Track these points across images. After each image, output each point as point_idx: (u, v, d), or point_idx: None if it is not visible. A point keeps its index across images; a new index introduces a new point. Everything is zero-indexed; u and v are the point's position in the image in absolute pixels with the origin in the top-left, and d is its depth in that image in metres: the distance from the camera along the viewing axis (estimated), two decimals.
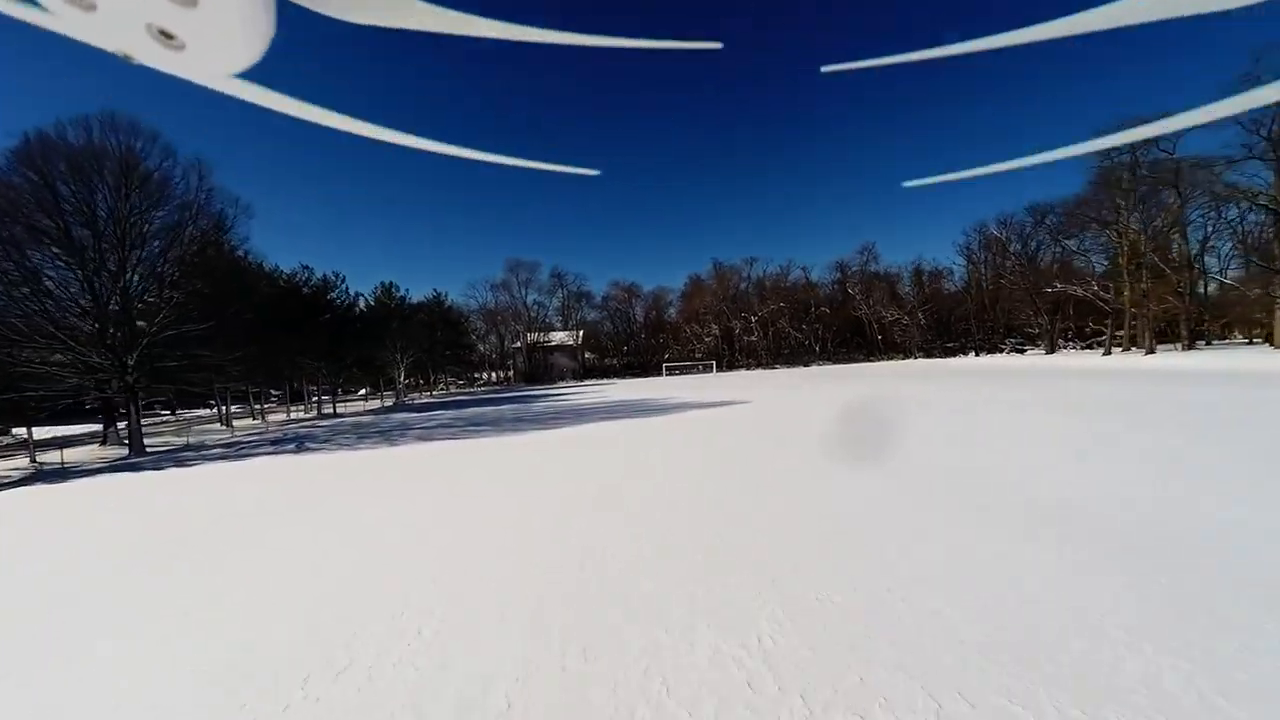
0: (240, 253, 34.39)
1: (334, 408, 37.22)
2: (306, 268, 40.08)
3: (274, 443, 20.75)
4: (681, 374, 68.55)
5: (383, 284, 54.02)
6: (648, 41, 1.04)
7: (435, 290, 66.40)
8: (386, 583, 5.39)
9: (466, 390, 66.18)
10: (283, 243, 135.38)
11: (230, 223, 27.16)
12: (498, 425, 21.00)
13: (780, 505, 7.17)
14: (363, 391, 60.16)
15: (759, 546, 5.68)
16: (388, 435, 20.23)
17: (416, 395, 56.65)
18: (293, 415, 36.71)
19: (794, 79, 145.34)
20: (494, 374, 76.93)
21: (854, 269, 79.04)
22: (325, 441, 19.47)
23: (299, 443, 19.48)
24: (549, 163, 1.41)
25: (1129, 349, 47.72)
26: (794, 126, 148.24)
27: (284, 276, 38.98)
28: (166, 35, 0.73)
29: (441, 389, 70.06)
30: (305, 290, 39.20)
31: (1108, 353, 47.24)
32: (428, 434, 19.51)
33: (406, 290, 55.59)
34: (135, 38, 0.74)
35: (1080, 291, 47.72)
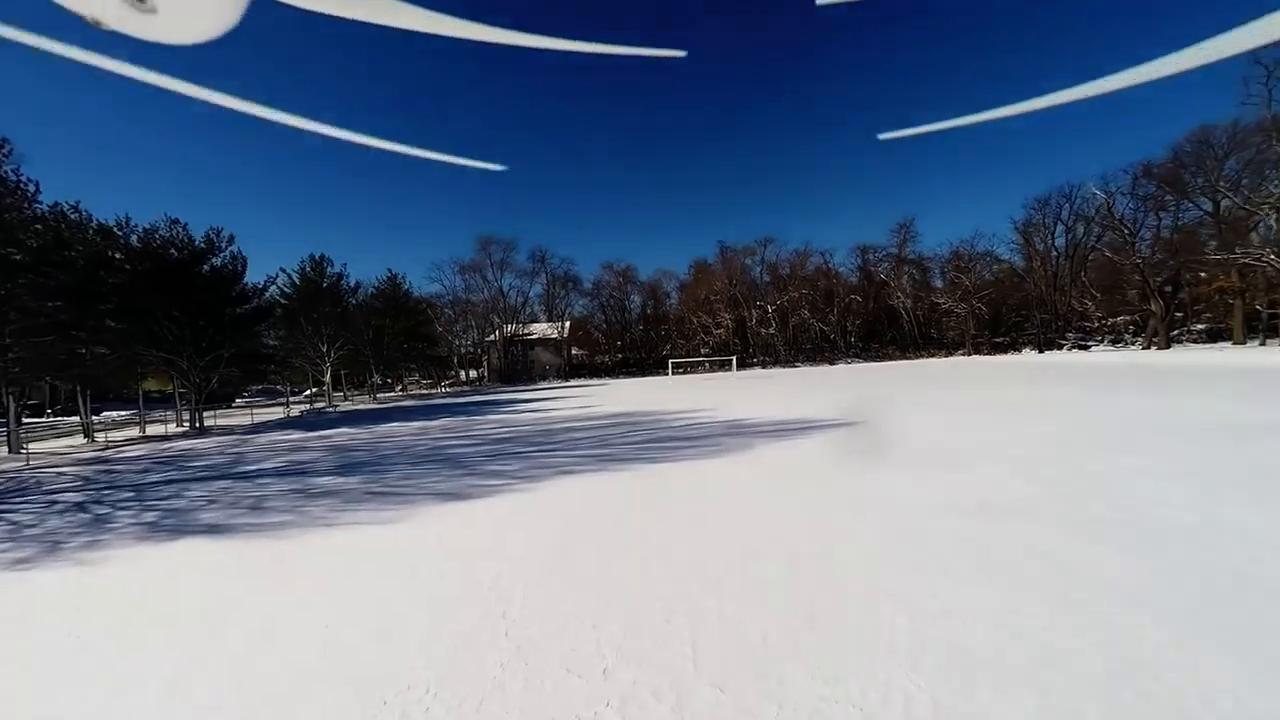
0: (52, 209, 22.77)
1: (198, 420, 25.58)
2: (175, 222, 28.44)
3: None
4: (689, 372, 57.26)
5: (312, 258, 42.33)
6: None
7: (390, 271, 54.89)
8: None
9: (424, 393, 54.44)
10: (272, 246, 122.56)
11: None
12: (376, 476, 9.76)
13: None
14: (310, 391, 48.31)
15: None
16: (78, 520, 8.81)
17: (346, 398, 45.00)
18: (155, 430, 25.04)
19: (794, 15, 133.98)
20: (465, 372, 65.15)
21: (887, 251, 68.19)
22: None
23: None
24: (459, 156, 1.56)
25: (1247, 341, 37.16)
26: (798, 74, 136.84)
27: (130, 236, 27.20)
28: None
29: (400, 390, 58.25)
30: (172, 254, 27.55)
31: (1262, 343, 36.60)
32: (178, 520, 8.14)
33: (345, 267, 44.14)
34: (107, 1, 0.75)
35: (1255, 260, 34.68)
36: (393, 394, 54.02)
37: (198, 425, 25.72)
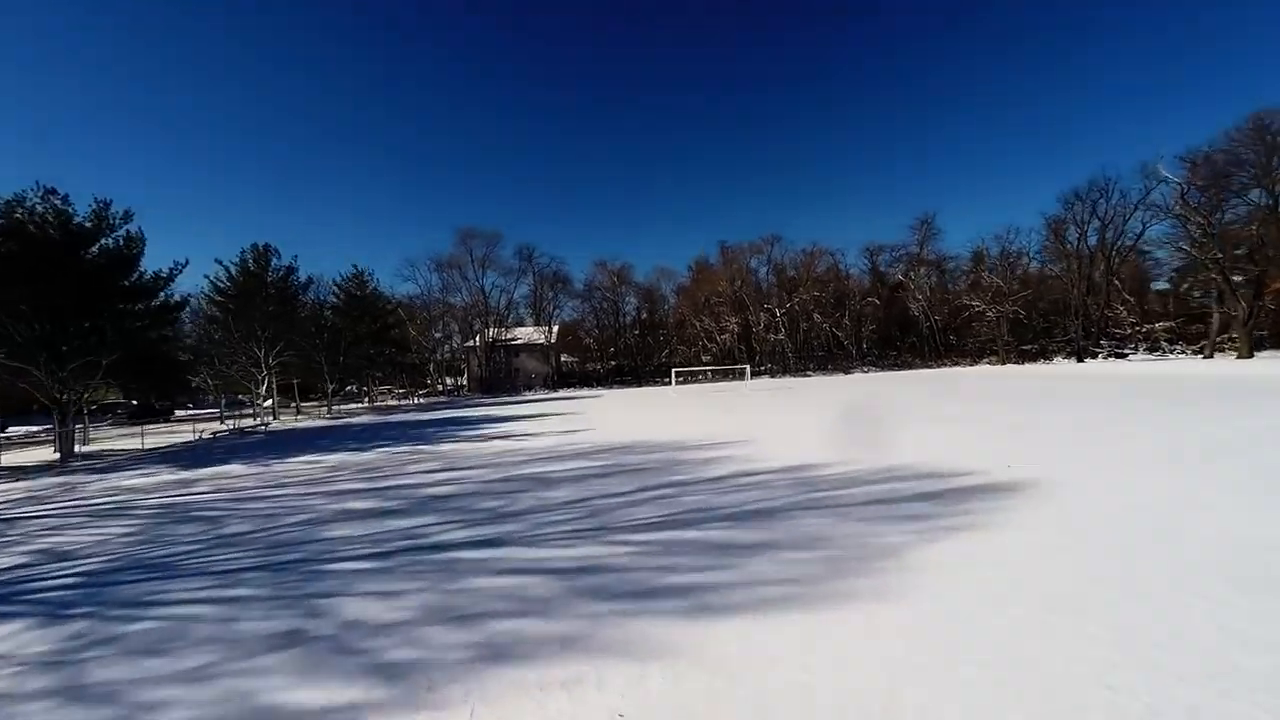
0: None
1: (63, 444, 19.45)
2: (51, 193, 22.35)
3: None
4: (692, 381, 51.50)
5: (255, 247, 36.12)
6: None
7: (355, 266, 48.68)
8: None
9: (392, 404, 48.08)
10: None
11: None
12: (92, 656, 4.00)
13: None
14: (269, 402, 41.87)
15: None
16: None
17: (300, 411, 38.71)
18: None
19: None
20: (442, 380, 58.84)
21: (905, 250, 63.09)
22: None
23: None
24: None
25: None
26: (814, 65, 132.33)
27: None
28: None
29: (367, 401, 51.89)
30: (48, 232, 21.51)
31: None
32: None
33: (295, 260, 37.95)
34: None
35: None
36: (357, 405, 47.68)
37: (67, 452, 19.53)
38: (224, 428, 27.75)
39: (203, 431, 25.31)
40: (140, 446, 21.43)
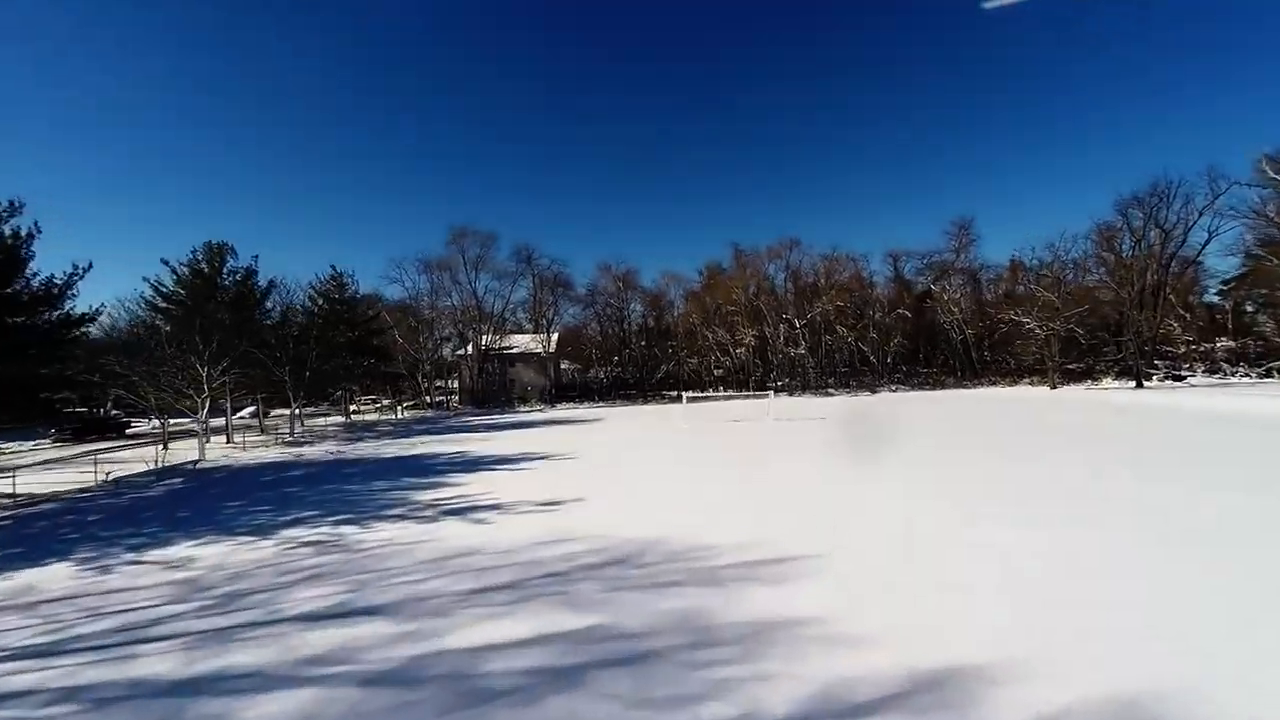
0: None
1: None
2: None
3: None
4: (703, 399, 46.63)
5: (208, 245, 31.52)
6: None
7: (334, 268, 44.00)
8: None
9: (370, 420, 43.30)
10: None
11: None
12: None
13: None
14: (249, 411, 37.10)
15: None
16: None
17: (264, 430, 33.90)
18: None
19: None
20: (430, 392, 54.15)
21: (939, 257, 58.11)
22: None
23: None
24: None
25: None
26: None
27: None
28: None
29: (345, 417, 47.22)
30: None
31: None
32: None
33: (255, 260, 33.31)
34: None
35: None
36: (331, 423, 42.88)
37: None
38: (150, 466, 23.07)
39: (110, 472, 20.60)
40: (10, 490, 16.72)
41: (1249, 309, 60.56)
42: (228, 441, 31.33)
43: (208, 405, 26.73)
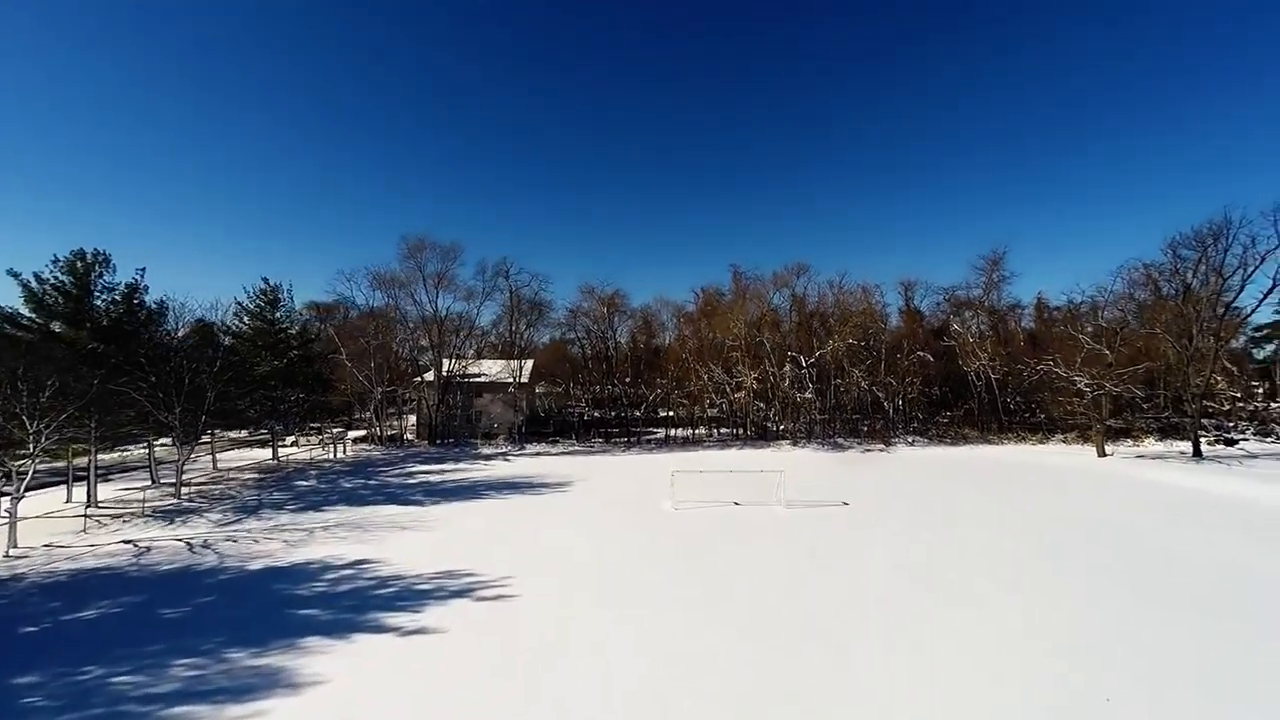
0: None
1: None
2: None
3: None
4: (686, 460, 40.07)
5: (74, 256, 24.76)
6: None
7: (266, 281, 37.16)
8: None
9: (305, 460, 36.12)
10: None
11: None
12: None
13: None
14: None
15: None
16: None
17: (154, 480, 26.64)
18: None
19: None
20: (380, 427, 47.05)
21: (964, 293, 52.52)
22: None
23: None
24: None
25: None
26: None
27: None
28: None
29: (272, 456, 40.01)
30: None
31: None
32: None
33: (142, 274, 26.47)
34: None
35: None
36: (248, 462, 35.74)
37: None
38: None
39: None
40: None
41: None
42: (87, 506, 24.42)
43: (30, 472, 19.86)
